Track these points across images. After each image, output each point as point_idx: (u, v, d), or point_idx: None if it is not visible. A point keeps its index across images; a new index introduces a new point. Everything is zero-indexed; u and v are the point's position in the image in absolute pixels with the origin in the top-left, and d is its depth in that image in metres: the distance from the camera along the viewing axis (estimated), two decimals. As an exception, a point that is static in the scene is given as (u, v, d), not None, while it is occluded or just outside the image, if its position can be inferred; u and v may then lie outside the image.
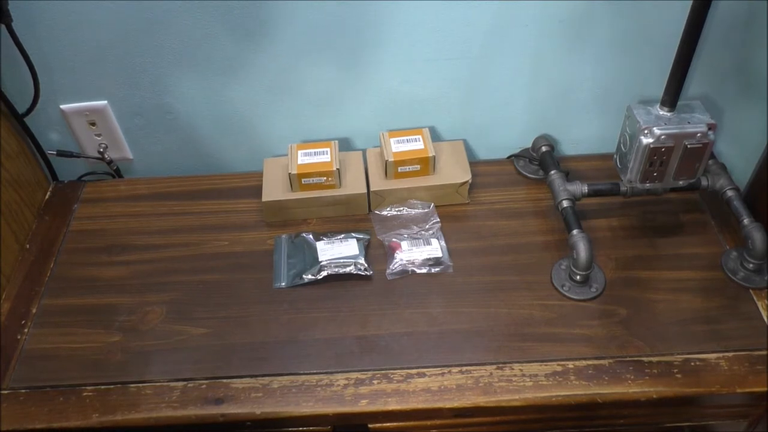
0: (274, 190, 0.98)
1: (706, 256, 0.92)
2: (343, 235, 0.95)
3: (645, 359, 0.81)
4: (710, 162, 0.95)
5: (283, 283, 0.90)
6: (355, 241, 0.93)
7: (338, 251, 0.92)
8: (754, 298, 0.87)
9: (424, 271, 0.91)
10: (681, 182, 0.88)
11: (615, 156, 0.91)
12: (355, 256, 0.91)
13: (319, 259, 0.91)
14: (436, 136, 1.07)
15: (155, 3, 0.90)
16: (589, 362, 0.80)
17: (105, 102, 1.02)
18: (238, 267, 0.93)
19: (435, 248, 0.93)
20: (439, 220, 0.97)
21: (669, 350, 0.81)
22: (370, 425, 0.80)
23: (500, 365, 0.80)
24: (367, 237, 0.95)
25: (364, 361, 0.81)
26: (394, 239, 0.94)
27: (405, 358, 0.82)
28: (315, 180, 0.97)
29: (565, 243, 0.89)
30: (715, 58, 0.97)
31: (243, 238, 0.97)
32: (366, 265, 0.91)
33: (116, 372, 0.82)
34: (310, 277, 0.90)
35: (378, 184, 0.98)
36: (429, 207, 0.99)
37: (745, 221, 0.88)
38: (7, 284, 0.93)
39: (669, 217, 0.98)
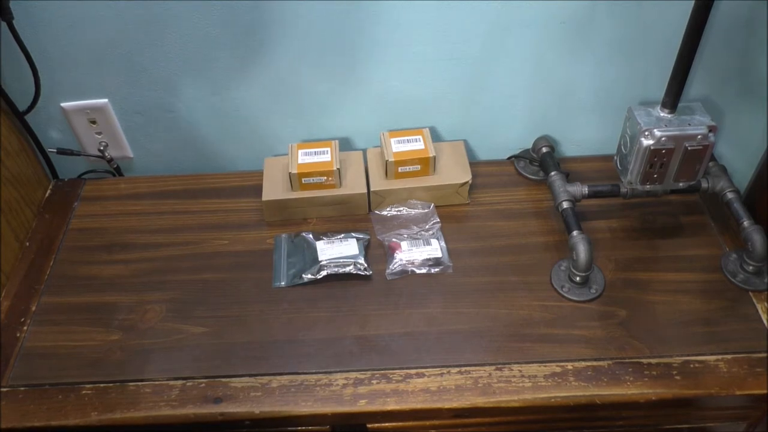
0: (274, 190, 0.98)
1: (705, 258, 0.92)
2: (342, 235, 0.95)
3: (644, 361, 0.81)
4: (710, 164, 0.95)
5: (283, 283, 0.90)
6: (354, 241, 0.93)
7: (338, 251, 0.92)
8: (754, 300, 0.87)
9: (423, 271, 0.91)
10: (681, 184, 0.88)
11: (615, 157, 0.92)
12: (354, 256, 0.91)
13: (319, 259, 0.91)
14: (436, 137, 1.07)
15: (156, 2, 0.90)
16: (588, 363, 0.80)
17: (106, 100, 1.02)
18: (237, 266, 0.93)
19: (435, 248, 0.93)
20: (439, 220, 0.97)
21: (668, 352, 0.81)
22: (368, 425, 0.80)
23: (499, 366, 0.80)
24: (367, 237, 0.95)
25: (363, 361, 0.81)
26: (393, 239, 0.94)
27: (404, 358, 0.82)
28: (315, 179, 0.97)
29: (565, 244, 0.89)
30: (716, 60, 0.97)
31: (243, 237, 0.97)
32: (366, 264, 0.91)
33: (115, 370, 0.82)
34: (309, 276, 0.90)
35: (378, 184, 0.98)
36: (429, 207, 0.99)
37: (745, 223, 0.88)
38: (7, 282, 0.93)
39: (669, 218, 0.98)
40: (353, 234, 0.95)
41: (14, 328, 0.87)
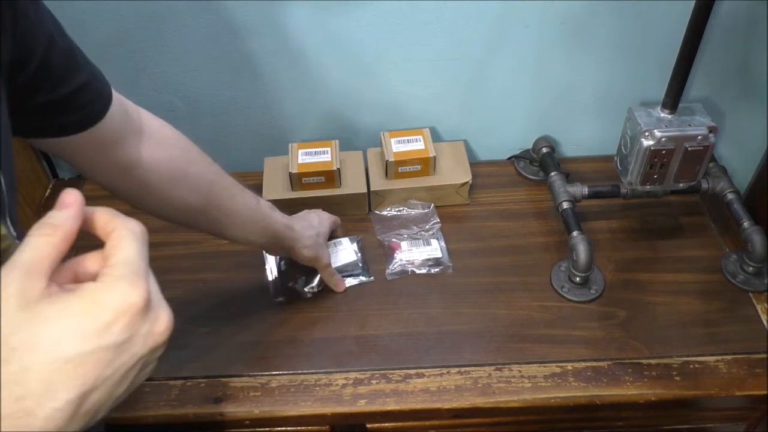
0: (274, 189, 0.98)
1: (705, 258, 0.92)
2: (336, 240, 0.93)
3: (644, 361, 0.81)
4: (710, 165, 0.95)
5: (282, 298, 0.88)
6: (348, 242, 0.92)
7: (334, 259, 0.89)
8: (754, 301, 0.87)
9: (423, 271, 0.91)
10: (681, 185, 0.88)
11: (615, 158, 0.91)
12: (353, 264, 0.90)
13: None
14: (436, 137, 1.07)
15: (157, 1, 0.90)
16: (588, 364, 0.80)
17: (106, 100, 1.01)
18: (237, 266, 0.93)
19: (435, 249, 0.93)
20: (439, 220, 0.97)
21: (668, 353, 0.81)
22: (368, 425, 0.80)
23: (499, 366, 0.80)
24: (359, 238, 0.94)
25: (363, 361, 0.81)
26: (393, 239, 0.94)
27: (404, 358, 0.82)
28: (315, 179, 0.97)
29: (565, 244, 0.89)
30: (716, 61, 0.97)
31: (243, 237, 0.97)
32: (364, 270, 0.90)
33: (115, 370, 0.81)
34: (310, 289, 0.88)
35: (378, 184, 0.98)
36: (429, 207, 0.99)
37: (745, 224, 0.88)
38: (7, 281, 0.92)
39: (669, 219, 0.98)
40: (348, 237, 0.93)
41: (14, 328, 0.87)
